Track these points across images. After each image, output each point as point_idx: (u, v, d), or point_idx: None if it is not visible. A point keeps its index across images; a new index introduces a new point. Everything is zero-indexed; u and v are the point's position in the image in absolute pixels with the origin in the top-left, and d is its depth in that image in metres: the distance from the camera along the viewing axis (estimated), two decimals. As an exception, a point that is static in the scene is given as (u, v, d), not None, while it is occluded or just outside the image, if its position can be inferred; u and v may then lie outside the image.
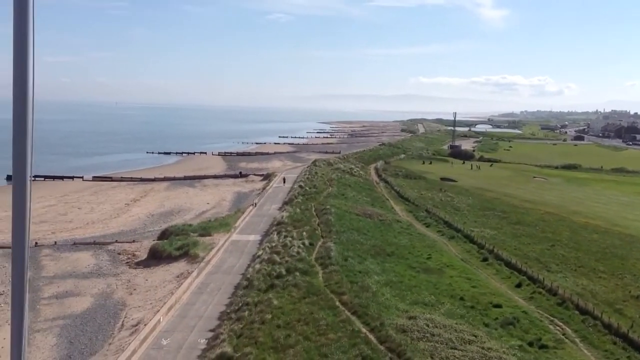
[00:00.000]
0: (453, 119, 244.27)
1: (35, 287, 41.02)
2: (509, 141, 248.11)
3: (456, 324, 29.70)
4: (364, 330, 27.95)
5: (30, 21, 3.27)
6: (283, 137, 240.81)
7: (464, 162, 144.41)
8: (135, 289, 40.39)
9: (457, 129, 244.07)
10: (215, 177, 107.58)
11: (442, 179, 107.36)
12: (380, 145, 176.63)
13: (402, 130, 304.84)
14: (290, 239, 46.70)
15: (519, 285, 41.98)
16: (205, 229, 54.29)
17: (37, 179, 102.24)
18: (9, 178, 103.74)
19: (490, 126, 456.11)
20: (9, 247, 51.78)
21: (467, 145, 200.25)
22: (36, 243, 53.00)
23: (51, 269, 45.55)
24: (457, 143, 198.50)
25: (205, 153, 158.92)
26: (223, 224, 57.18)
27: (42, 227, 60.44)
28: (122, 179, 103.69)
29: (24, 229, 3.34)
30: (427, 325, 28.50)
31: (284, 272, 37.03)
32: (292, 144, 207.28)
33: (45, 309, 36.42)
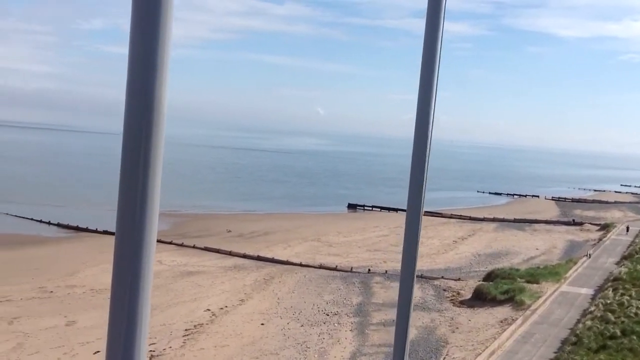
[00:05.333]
0: None
1: (365, 312, 43.69)
2: None
3: None
4: None
5: (435, 70, 3.45)
6: (625, 185, 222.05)
7: None
8: (457, 328, 40.53)
9: None
10: (546, 222, 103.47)
11: None
12: None
13: None
14: (627, 297, 42.55)
15: None
16: (533, 276, 52.37)
17: (374, 209, 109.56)
18: (350, 206, 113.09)
19: None
20: (345, 271, 56.21)
21: None
22: (369, 270, 56.57)
23: (380, 296, 48.08)
24: None
25: (538, 196, 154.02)
26: (552, 273, 54.55)
27: (376, 256, 64.30)
28: (451, 216, 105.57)
29: (413, 256, 3.53)
30: None
31: (618, 333, 33.82)
32: (636, 193, 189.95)
33: (373, 335, 38.48)
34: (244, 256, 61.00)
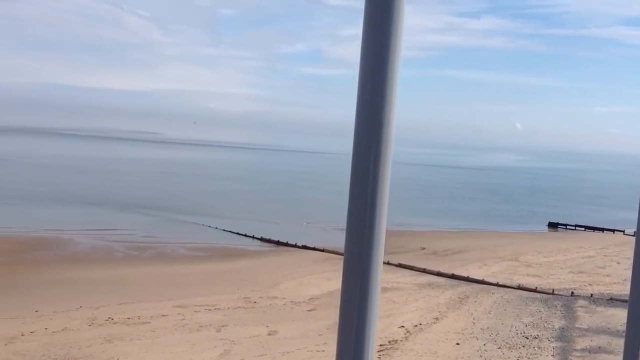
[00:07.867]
0: None
1: (568, 337, 41.17)
2: None
3: None
4: None
5: None
6: None
7: None
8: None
9: None
10: None
11: None
12: None
13: None
14: None
15: None
16: None
17: (577, 228, 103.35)
18: (550, 225, 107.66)
19: None
20: (545, 293, 53.50)
21: None
22: (572, 293, 53.35)
23: (585, 321, 45.08)
24: None
25: None
26: None
27: (580, 278, 60.47)
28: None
29: None
30: None
31: None
32: None
33: (577, 362, 36.15)
34: (438, 274, 60.24)
